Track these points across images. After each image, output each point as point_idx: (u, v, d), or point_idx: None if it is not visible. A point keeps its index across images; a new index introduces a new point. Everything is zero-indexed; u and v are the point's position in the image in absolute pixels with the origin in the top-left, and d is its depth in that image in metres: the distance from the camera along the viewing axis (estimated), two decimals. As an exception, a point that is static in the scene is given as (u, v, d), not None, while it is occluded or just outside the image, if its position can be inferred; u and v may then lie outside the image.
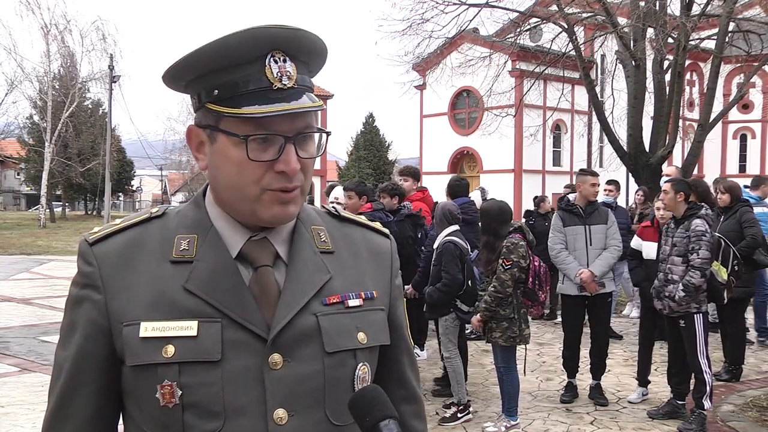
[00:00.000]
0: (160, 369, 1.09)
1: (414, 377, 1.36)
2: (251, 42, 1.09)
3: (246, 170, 1.11)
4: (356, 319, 1.20)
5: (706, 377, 5.28)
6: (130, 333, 1.10)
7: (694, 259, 5.21)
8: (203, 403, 1.08)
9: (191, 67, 1.13)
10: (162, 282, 1.13)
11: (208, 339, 1.09)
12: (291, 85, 1.12)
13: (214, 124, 1.14)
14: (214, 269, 1.14)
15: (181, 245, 1.15)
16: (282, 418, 1.10)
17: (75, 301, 1.16)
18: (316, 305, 1.16)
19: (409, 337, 1.38)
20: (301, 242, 1.21)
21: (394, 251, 1.35)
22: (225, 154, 1.12)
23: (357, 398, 1.08)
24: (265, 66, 1.10)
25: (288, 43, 1.12)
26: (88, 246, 1.17)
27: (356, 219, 1.34)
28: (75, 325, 1.16)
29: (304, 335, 1.14)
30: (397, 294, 1.33)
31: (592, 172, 6.35)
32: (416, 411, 1.36)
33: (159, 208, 1.23)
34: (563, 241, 6.13)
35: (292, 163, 1.11)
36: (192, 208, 1.21)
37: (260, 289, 1.15)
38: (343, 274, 1.23)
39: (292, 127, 1.12)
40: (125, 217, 1.22)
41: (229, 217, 1.18)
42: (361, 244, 1.30)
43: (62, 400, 1.16)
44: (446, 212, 5.77)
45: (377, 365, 1.26)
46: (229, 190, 1.14)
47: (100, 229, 1.20)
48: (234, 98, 1.10)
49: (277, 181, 1.12)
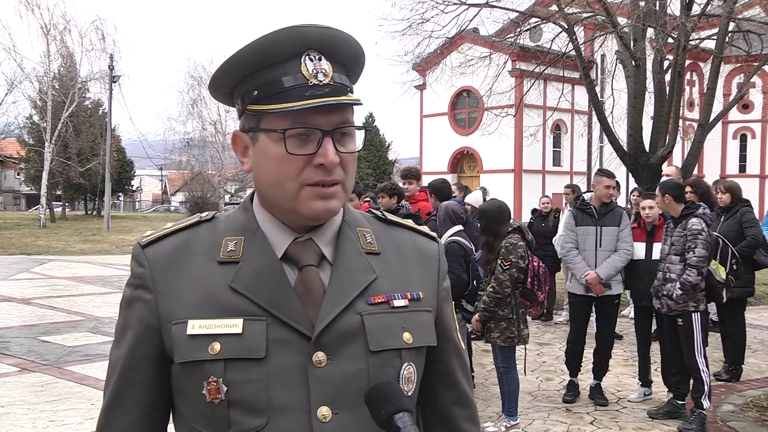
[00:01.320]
0: (207, 366, 1.11)
1: (465, 380, 1.35)
2: (286, 41, 1.13)
3: (285, 165, 1.14)
4: (402, 319, 1.21)
5: (704, 376, 5.28)
6: (179, 331, 1.13)
7: (690, 258, 5.23)
8: (248, 400, 1.11)
9: (231, 71, 1.17)
10: (209, 281, 1.16)
11: (253, 337, 1.12)
12: (327, 81, 1.14)
13: (255, 125, 1.17)
14: (260, 269, 1.16)
15: (228, 246, 1.18)
16: (326, 416, 1.12)
17: (128, 302, 1.21)
18: (360, 304, 1.18)
19: (460, 340, 1.37)
20: (346, 243, 1.22)
21: (441, 254, 1.35)
22: (266, 151, 1.16)
23: (372, 392, 1.10)
24: (300, 64, 1.13)
25: (322, 41, 1.15)
26: (140, 249, 1.21)
27: (403, 222, 1.35)
28: (127, 325, 1.20)
29: (348, 334, 1.15)
30: (445, 296, 1.33)
31: (608, 173, 6.31)
32: (469, 415, 1.35)
33: (209, 213, 1.27)
34: (574, 240, 6.12)
35: (330, 156, 1.13)
36: (240, 212, 1.25)
37: (305, 288, 1.17)
38: (389, 274, 1.23)
39: (330, 121, 1.14)
40: (177, 221, 1.26)
41: (275, 219, 1.20)
42: (409, 247, 1.30)
43: (115, 398, 1.20)
44: (450, 212, 5.77)
45: (427, 368, 1.26)
46: (271, 187, 1.17)
47: (152, 232, 1.24)
48: (272, 96, 1.14)
49: (316, 175, 1.14)
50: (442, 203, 6.14)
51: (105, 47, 33.89)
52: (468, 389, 1.36)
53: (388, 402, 1.07)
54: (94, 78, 35.05)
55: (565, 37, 13.82)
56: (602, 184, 6.15)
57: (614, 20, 12.89)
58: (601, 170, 6.48)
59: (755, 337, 8.84)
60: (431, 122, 35.30)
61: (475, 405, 1.38)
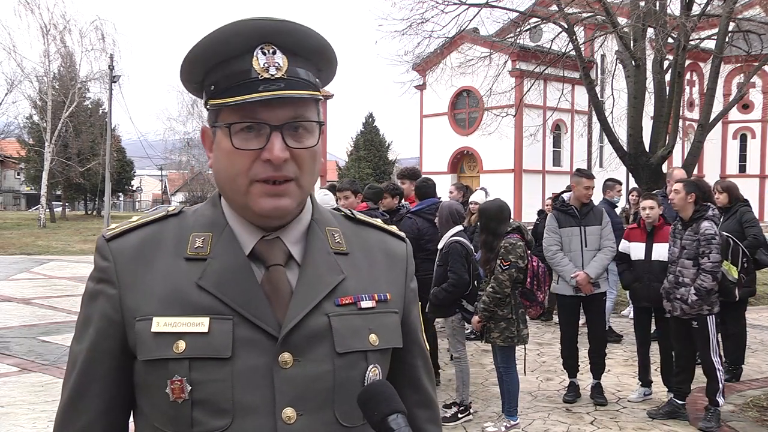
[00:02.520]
0: (171, 364, 1.09)
1: (429, 381, 1.35)
2: (238, 35, 1.11)
3: (234, 160, 1.12)
4: (368, 321, 1.19)
5: (719, 375, 5.36)
6: (143, 328, 1.11)
7: (705, 263, 5.23)
8: (212, 400, 1.09)
9: (190, 66, 1.16)
10: (176, 278, 1.13)
11: (220, 336, 1.10)
12: (280, 75, 1.11)
13: (214, 119, 1.16)
14: (227, 267, 1.14)
15: (195, 243, 1.16)
16: (291, 417, 1.10)
17: (90, 296, 1.18)
18: (328, 305, 1.16)
19: (425, 342, 1.36)
20: (314, 242, 1.20)
21: (409, 254, 1.34)
22: (220, 146, 1.15)
23: (366, 393, 1.09)
24: (252, 57, 1.11)
25: (276, 35, 1.12)
26: (105, 242, 1.18)
27: (372, 222, 1.34)
28: (89, 320, 1.17)
29: (315, 335, 1.14)
30: (412, 298, 1.32)
31: (587, 174, 6.29)
32: (431, 416, 1.35)
33: (176, 207, 1.24)
34: (558, 242, 6.13)
35: (276, 151, 1.10)
36: (208, 207, 1.22)
37: (272, 288, 1.15)
38: (357, 275, 1.22)
39: (279, 116, 1.11)
40: (142, 215, 1.23)
41: (241, 217, 1.18)
42: (377, 247, 1.29)
43: (75, 393, 1.17)
44: (453, 212, 5.77)
45: (391, 369, 1.25)
46: (226, 183, 1.16)
47: (117, 225, 1.21)
48: (226, 91, 1.12)
49: (264, 171, 1.11)
50: (444, 203, 6.13)
51: (105, 47, 33.91)
52: (431, 390, 1.36)
53: (381, 403, 1.06)
54: (94, 78, 35.08)
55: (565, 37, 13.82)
56: (582, 185, 6.16)
57: (614, 20, 12.89)
58: (580, 171, 6.46)
59: (755, 337, 8.84)
60: (431, 122, 35.30)
61: (437, 406, 1.38)
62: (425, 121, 35.84)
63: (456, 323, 5.71)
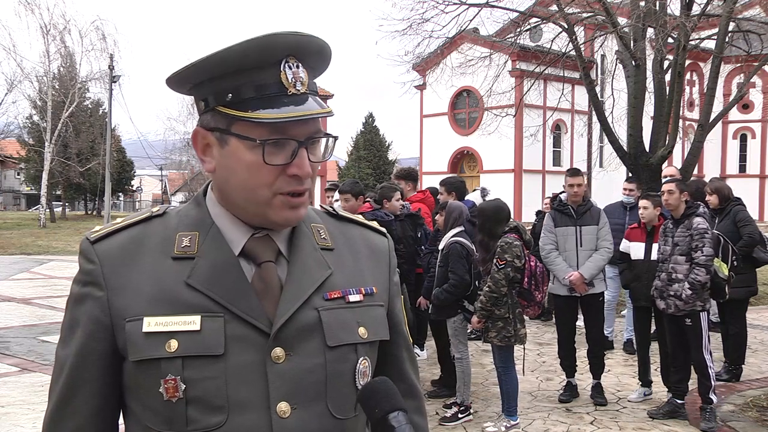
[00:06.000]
0: (164, 363, 1.10)
1: (413, 372, 1.39)
2: (268, 48, 1.12)
3: (260, 174, 1.13)
4: (357, 314, 1.22)
5: (711, 372, 5.38)
6: (134, 328, 1.12)
7: (698, 257, 5.25)
8: (207, 397, 1.10)
9: (205, 70, 1.15)
10: (164, 278, 1.14)
11: (211, 333, 1.11)
12: (304, 90, 1.15)
13: (225, 127, 1.15)
14: (216, 265, 1.15)
15: (182, 242, 1.17)
16: (285, 411, 1.12)
17: (76, 299, 1.17)
18: (317, 300, 1.18)
19: (408, 334, 1.40)
20: (301, 239, 1.23)
21: (391, 249, 1.38)
22: (238, 157, 1.14)
23: (366, 390, 1.10)
24: (280, 72, 1.13)
25: (302, 50, 1.15)
26: (89, 244, 1.18)
27: (354, 218, 1.37)
28: (77, 323, 1.17)
29: (305, 329, 1.16)
30: (396, 291, 1.35)
31: (572, 172, 6.24)
32: (416, 406, 1.37)
33: (160, 208, 1.25)
34: (554, 242, 6.13)
35: (305, 167, 1.15)
36: (193, 206, 1.23)
37: (263, 284, 1.17)
38: (344, 270, 1.25)
39: (304, 132, 1.15)
40: (126, 216, 1.23)
41: (232, 216, 1.19)
42: (360, 242, 1.32)
43: (64, 397, 1.17)
44: (463, 213, 5.79)
45: (378, 360, 1.28)
46: (241, 192, 1.16)
47: (102, 227, 1.21)
48: (247, 102, 1.12)
49: (289, 185, 1.14)
50: (450, 203, 6.09)
51: (105, 47, 33.93)
52: (416, 381, 1.39)
53: (382, 400, 1.07)
54: (94, 78, 35.08)
55: (565, 37, 13.81)
56: (566, 183, 6.19)
57: (614, 20, 12.88)
58: (569, 169, 6.46)
59: (755, 337, 8.84)
60: (431, 122, 35.27)
61: (422, 396, 1.42)
62: (425, 121, 35.82)
63: (458, 324, 5.71)
